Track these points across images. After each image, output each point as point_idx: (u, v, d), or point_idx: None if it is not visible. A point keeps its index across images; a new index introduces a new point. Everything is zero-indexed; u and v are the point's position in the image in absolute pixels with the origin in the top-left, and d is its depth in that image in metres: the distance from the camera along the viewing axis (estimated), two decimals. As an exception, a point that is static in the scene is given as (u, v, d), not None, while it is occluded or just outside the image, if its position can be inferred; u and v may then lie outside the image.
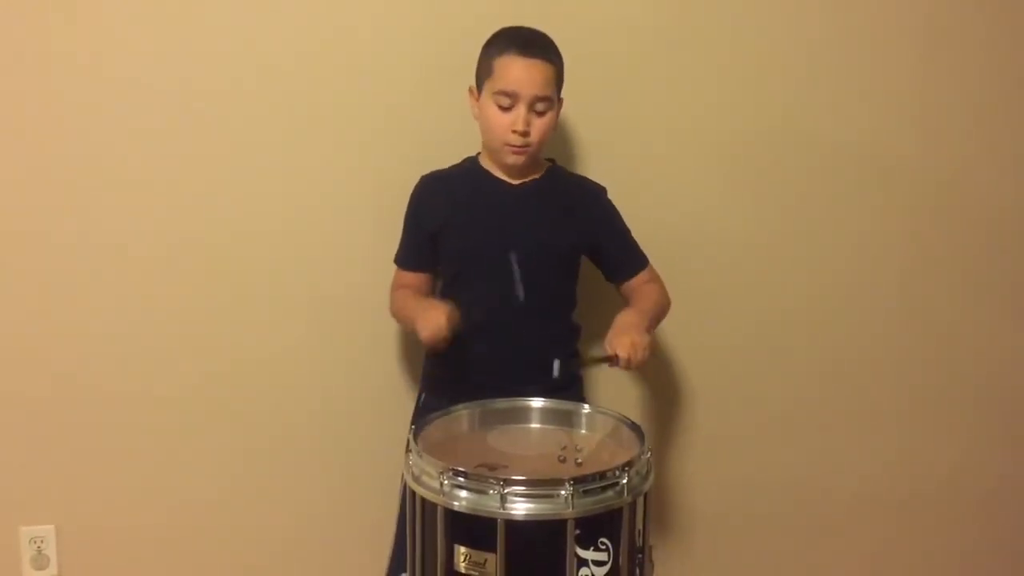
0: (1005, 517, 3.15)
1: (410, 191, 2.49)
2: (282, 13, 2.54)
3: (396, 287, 2.51)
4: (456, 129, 2.48)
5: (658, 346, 2.79)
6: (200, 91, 2.53)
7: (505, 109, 2.32)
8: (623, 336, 2.22)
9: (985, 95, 2.91)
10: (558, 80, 2.36)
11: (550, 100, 2.34)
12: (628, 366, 2.21)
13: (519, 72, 2.30)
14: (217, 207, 2.59)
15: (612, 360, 2.21)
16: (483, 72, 2.36)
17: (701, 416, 2.93)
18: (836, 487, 3.04)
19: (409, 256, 2.50)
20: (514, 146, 2.34)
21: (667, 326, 2.54)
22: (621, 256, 2.51)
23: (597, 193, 2.51)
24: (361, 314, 2.58)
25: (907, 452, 3.06)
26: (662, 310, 2.47)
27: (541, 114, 2.33)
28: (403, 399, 2.69)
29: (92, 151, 2.51)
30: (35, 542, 2.61)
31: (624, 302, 2.47)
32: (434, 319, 2.22)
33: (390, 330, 2.67)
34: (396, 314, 2.50)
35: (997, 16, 2.87)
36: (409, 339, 2.66)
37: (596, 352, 2.31)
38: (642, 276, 2.50)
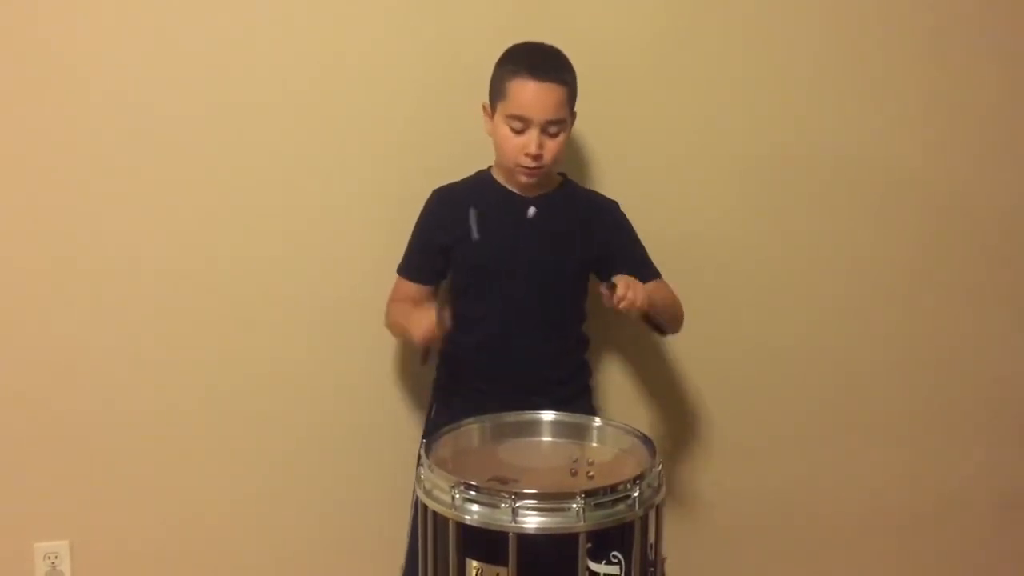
0: (1015, 531, 3.14)
1: (420, 201, 2.50)
2: (293, 25, 2.55)
3: (394, 299, 2.51)
4: (468, 140, 2.48)
5: (667, 359, 2.81)
6: (212, 105, 2.54)
7: (518, 132, 2.32)
8: (625, 279, 2.24)
9: (992, 107, 2.91)
10: (571, 99, 2.36)
11: (563, 122, 2.34)
12: (620, 302, 2.20)
13: (532, 97, 2.30)
14: (228, 221, 2.60)
15: (609, 288, 2.21)
16: (496, 93, 2.36)
17: (713, 428, 2.92)
18: (850, 499, 3.03)
19: (414, 267, 2.50)
20: (526, 167, 2.35)
21: (679, 337, 2.54)
22: (634, 270, 2.48)
23: (610, 207, 2.52)
24: (372, 324, 2.57)
25: (920, 463, 3.05)
26: (672, 305, 2.46)
27: (554, 135, 2.33)
28: (414, 410, 2.70)
29: (103, 164, 2.52)
30: (49, 558, 2.61)
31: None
32: (425, 318, 2.24)
33: (399, 343, 2.67)
34: (390, 326, 2.51)
35: (1004, 28, 2.88)
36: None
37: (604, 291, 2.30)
38: (654, 284, 2.48)
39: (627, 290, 2.21)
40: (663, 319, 2.42)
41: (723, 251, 2.84)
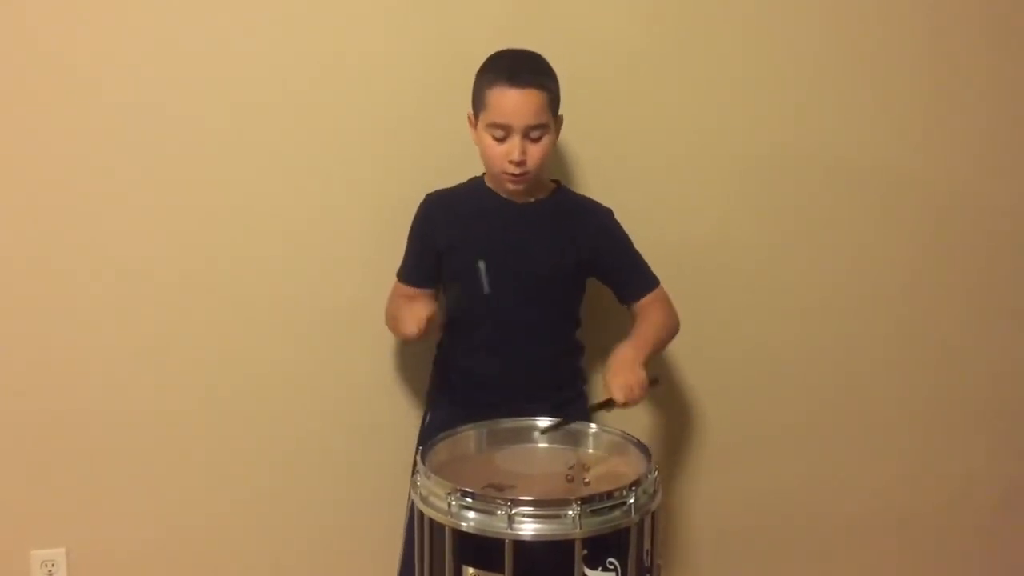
0: (1014, 529, 3.14)
1: (414, 206, 2.49)
2: (293, 25, 2.54)
3: (393, 299, 2.51)
4: (469, 141, 2.46)
5: (665, 363, 2.80)
6: (213, 105, 2.54)
7: (500, 140, 2.31)
8: (618, 377, 2.23)
9: (992, 107, 2.91)
10: (552, 104, 2.34)
11: (544, 126, 2.32)
12: (629, 404, 2.22)
13: (510, 104, 2.28)
14: (228, 221, 2.60)
15: (610, 403, 2.22)
16: (477, 102, 2.36)
17: (710, 432, 2.92)
18: (846, 502, 3.03)
19: (412, 272, 2.50)
20: (511, 175, 2.34)
21: (674, 343, 2.53)
22: (629, 277, 2.50)
23: (603, 214, 2.51)
24: (371, 325, 2.57)
25: (916, 466, 3.05)
26: (666, 332, 2.47)
27: (536, 140, 2.32)
28: (414, 411, 2.70)
29: (102, 164, 2.51)
30: (46, 565, 2.61)
31: (632, 323, 2.46)
32: (416, 312, 2.28)
33: (395, 346, 2.68)
34: (388, 320, 2.51)
35: (1002, 32, 2.87)
36: (415, 355, 2.67)
37: (595, 401, 2.33)
38: (650, 297, 2.48)
39: (627, 394, 2.21)
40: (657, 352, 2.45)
41: (722, 252, 2.83)
